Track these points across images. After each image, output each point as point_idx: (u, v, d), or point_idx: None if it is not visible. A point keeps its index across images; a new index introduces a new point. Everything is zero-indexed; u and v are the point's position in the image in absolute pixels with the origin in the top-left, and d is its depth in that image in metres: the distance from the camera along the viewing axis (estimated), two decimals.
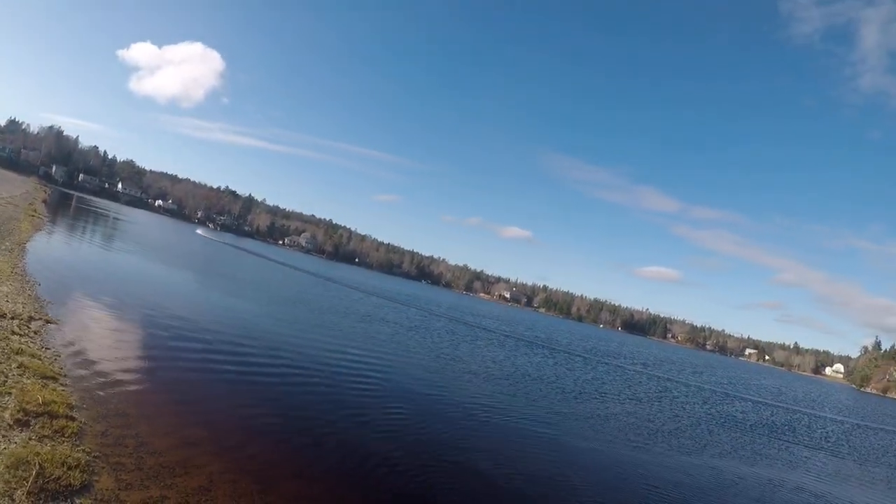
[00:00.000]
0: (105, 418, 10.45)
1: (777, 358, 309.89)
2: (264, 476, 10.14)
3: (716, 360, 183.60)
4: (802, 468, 25.44)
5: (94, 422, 10.11)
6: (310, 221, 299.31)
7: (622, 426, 24.24)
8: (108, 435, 9.78)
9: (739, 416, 39.44)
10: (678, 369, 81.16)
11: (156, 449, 9.80)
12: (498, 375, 30.13)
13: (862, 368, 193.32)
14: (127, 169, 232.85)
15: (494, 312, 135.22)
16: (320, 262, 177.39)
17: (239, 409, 13.58)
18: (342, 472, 11.53)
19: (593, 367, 51.43)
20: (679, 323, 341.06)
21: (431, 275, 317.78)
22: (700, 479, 18.31)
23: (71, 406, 10.31)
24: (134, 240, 59.60)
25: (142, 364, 14.89)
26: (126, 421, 10.65)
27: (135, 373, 13.91)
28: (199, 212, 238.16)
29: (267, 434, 12.43)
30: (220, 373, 16.51)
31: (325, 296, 55.99)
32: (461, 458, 14.39)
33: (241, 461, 10.47)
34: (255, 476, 10.00)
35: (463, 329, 57.80)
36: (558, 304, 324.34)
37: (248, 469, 10.18)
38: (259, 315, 30.13)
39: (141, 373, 14.09)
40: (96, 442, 9.33)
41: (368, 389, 19.31)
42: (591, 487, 14.66)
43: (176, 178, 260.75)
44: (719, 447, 24.91)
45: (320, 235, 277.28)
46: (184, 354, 17.45)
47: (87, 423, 9.94)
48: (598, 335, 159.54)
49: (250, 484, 9.65)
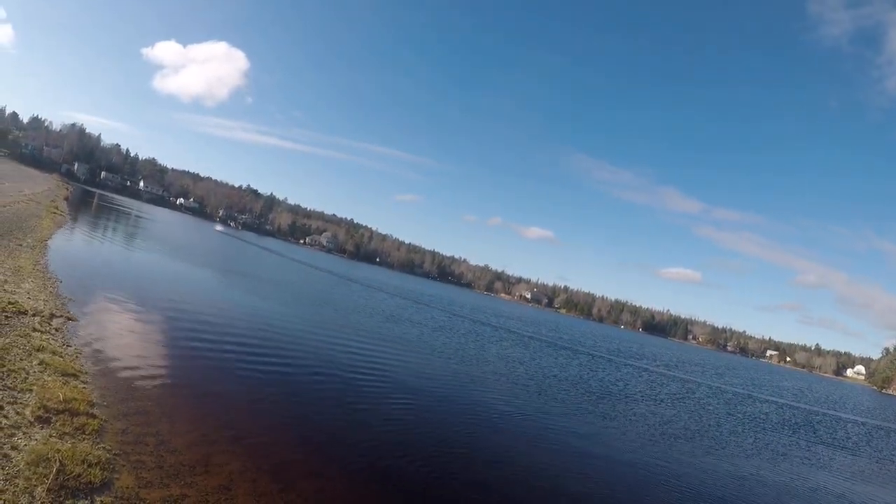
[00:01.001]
0: (125, 416, 10.44)
1: (798, 359, 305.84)
2: (284, 475, 10.06)
3: (737, 362, 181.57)
4: (824, 468, 25.54)
5: (115, 419, 10.09)
6: (331, 221, 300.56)
7: (647, 426, 23.99)
8: (129, 433, 9.75)
9: (762, 416, 39.04)
10: (701, 371, 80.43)
11: (176, 447, 9.76)
12: (524, 377, 29.99)
13: (883, 370, 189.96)
14: (149, 167, 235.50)
15: (516, 313, 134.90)
16: (341, 262, 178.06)
17: (259, 407, 13.53)
18: (362, 471, 11.40)
19: (617, 367, 51.19)
20: (700, 324, 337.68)
21: (452, 275, 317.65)
22: (723, 477, 18.09)
23: (91, 403, 10.31)
24: (155, 238, 60.16)
25: (162, 362, 14.93)
26: (146, 419, 10.63)
27: (155, 370, 13.93)
28: (221, 210, 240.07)
29: (287, 432, 12.36)
30: (241, 371, 16.49)
31: (347, 295, 56.12)
32: (484, 459, 14.24)
33: (261, 460, 10.39)
34: (274, 475, 9.92)
35: (488, 331, 57.55)
36: (579, 305, 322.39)
37: (267, 468, 10.10)
38: (279, 314, 30.18)
39: (161, 370, 14.11)
40: (117, 440, 9.31)
41: (391, 390, 19.25)
42: (621, 486, 14.47)
43: (198, 177, 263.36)
44: (742, 447, 24.74)
45: (342, 235, 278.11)
46: (204, 352, 17.49)
47: (108, 420, 9.93)
48: (620, 336, 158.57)
49: (270, 483, 9.58)
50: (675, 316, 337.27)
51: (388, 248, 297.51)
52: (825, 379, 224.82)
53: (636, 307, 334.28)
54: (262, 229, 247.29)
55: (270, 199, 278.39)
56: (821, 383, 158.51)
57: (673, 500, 15.04)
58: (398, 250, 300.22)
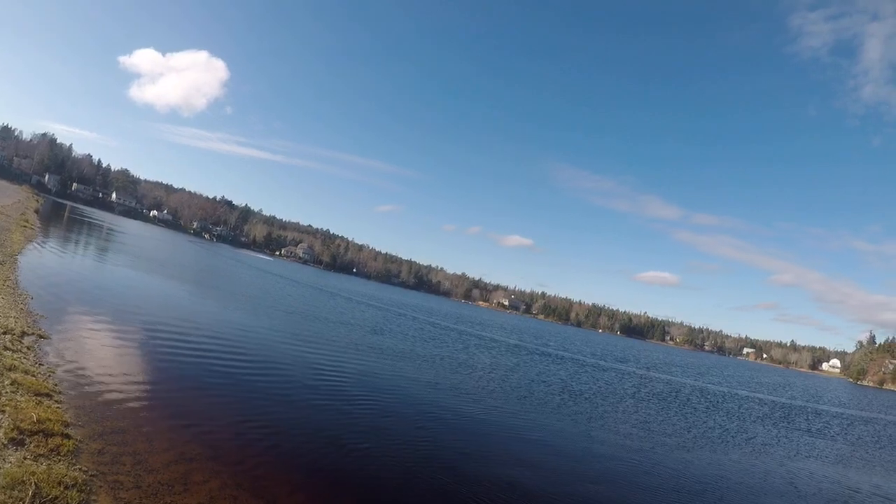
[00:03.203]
0: (101, 436, 10.27)
1: (774, 356, 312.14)
2: (264, 491, 10.00)
3: (715, 361, 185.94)
4: (808, 456, 27.19)
5: (91, 439, 9.93)
6: (307, 232, 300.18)
7: (639, 425, 24.35)
8: (105, 453, 9.60)
9: (745, 411, 40.02)
10: (682, 371, 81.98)
11: (154, 466, 9.63)
12: (512, 385, 30.22)
13: (858, 362, 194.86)
14: (121, 178, 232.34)
15: (496, 321, 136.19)
16: (317, 273, 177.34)
17: (238, 423, 13.39)
18: (347, 485, 11.38)
19: (604, 371, 51.79)
20: (677, 325, 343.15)
21: (430, 284, 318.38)
22: (711, 467, 18.46)
23: (66, 423, 10.13)
24: (128, 252, 59.23)
25: (137, 379, 14.71)
26: (123, 438, 10.48)
27: (131, 388, 13.72)
28: (195, 222, 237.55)
29: (266, 448, 12.25)
30: (218, 387, 16.32)
31: (325, 307, 56.17)
32: (476, 470, 14.25)
33: (241, 476, 10.30)
34: (255, 491, 9.85)
35: (473, 340, 58.17)
36: (557, 311, 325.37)
37: (247, 484, 10.02)
38: (255, 328, 29.96)
39: (137, 388, 13.91)
40: (93, 460, 9.16)
41: (376, 403, 19.11)
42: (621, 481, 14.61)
43: (171, 188, 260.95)
44: (729, 440, 25.36)
45: (317, 246, 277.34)
46: (180, 368, 17.28)
47: (83, 440, 9.77)
48: (599, 340, 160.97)
49: (251, 499, 9.51)
50: (652, 318, 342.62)
51: (365, 258, 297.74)
52: (802, 373, 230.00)
53: (613, 311, 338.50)
54: (237, 241, 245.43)
55: (245, 210, 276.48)
56: (798, 377, 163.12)
57: (668, 488, 15.59)
58: (375, 260, 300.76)
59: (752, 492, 18.10)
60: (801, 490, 19.87)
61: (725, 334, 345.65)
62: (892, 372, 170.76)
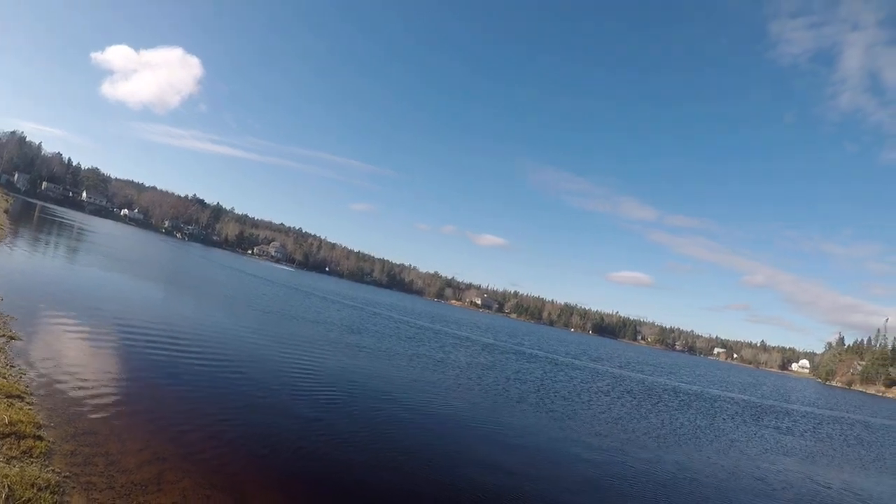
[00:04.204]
0: (74, 437, 10.30)
1: (745, 356, 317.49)
2: (239, 490, 10.12)
3: (686, 360, 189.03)
4: (777, 452, 27.88)
5: (63, 441, 9.96)
6: (279, 230, 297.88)
7: (613, 423, 24.69)
8: (78, 454, 9.64)
9: (717, 410, 40.65)
10: (653, 370, 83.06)
11: (127, 467, 9.70)
12: (489, 383, 30.48)
13: (827, 363, 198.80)
14: (92, 177, 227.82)
15: (471, 320, 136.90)
16: (290, 272, 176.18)
17: (211, 422, 13.44)
18: (321, 483, 11.53)
19: (579, 370, 52.20)
20: (648, 325, 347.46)
21: (402, 282, 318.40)
22: (682, 465, 18.79)
23: (38, 425, 10.15)
24: (99, 252, 58.34)
25: (110, 380, 14.67)
26: (95, 439, 10.51)
27: (103, 389, 13.69)
28: (166, 221, 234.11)
29: (241, 447, 12.34)
30: (192, 387, 16.31)
31: (298, 306, 56.00)
32: (453, 468, 14.44)
33: (215, 476, 10.40)
34: (229, 490, 9.97)
35: (450, 340, 58.35)
36: (529, 310, 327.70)
37: (221, 483, 10.13)
38: (229, 327, 29.89)
39: (109, 389, 13.88)
40: (66, 462, 9.21)
41: (348, 402, 19.20)
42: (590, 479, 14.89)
43: (142, 186, 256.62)
44: (702, 438, 25.68)
45: (290, 244, 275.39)
46: (153, 368, 17.21)
47: (56, 442, 9.80)
48: (572, 339, 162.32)
49: (224, 498, 9.62)
50: (624, 318, 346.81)
51: (338, 256, 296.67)
52: (772, 373, 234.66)
53: (586, 310, 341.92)
54: (209, 240, 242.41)
55: (217, 208, 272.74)
56: (768, 377, 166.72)
57: (639, 483, 15.80)
58: (347, 259, 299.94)
59: (722, 488, 18.52)
60: (772, 485, 20.45)
61: (696, 334, 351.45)
62: (860, 373, 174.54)
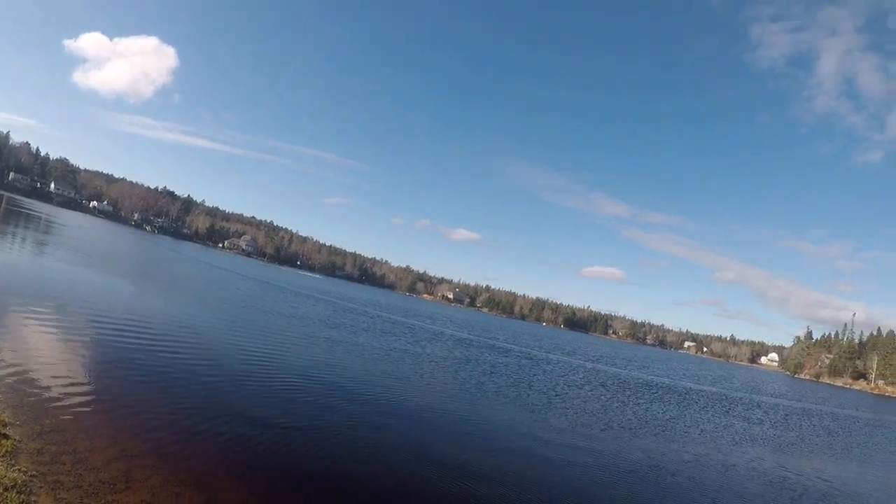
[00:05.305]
0: (40, 435, 10.26)
1: (715, 349, 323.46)
2: (208, 486, 10.17)
3: (658, 354, 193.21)
4: (749, 441, 29.20)
5: (30, 439, 9.93)
6: (250, 223, 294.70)
7: (590, 416, 25.08)
8: (45, 452, 9.62)
9: (689, 401, 41.31)
10: (626, 363, 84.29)
11: (94, 465, 9.70)
12: (465, 377, 30.70)
13: (795, 356, 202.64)
14: (60, 168, 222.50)
15: (444, 314, 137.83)
16: (261, 266, 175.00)
17: (180, 418, 13.42)
18: (290, 479, 11.60)
19: (554, 365, 52.78)
20: (620, 319, 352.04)
21: (374, 276, 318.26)
22: (655, 455, 19.18)
23: (4, 423, 10.11)
24: (68, 245, 57.29)
25: (77, 376, 14.55)
26: (62, 437, 10.48)
27: (70, 386, 13.60)
28: (136, 214, 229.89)
29: (209, 443, 12.36)
30: (160, 383, 16.20)
31: (269, 300, 55.87)
32: (429, 460, 14.63)
33: (183, 472, 10.43)
34: (198, 487, 10.01)
35: (423, 334, 58.63)
36: (501, 304, 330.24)
37: (190, 480, 10.17)
38: (198, 322, 29.73)
39: (76, 385, 13.78)
40: (32, 460, 9.20)
41: (320, 396, 19.24)
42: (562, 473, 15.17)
43: (111, 178, 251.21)
44: (676, 430, 26.23)
45: (261, 238, 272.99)
46: (121, 365, 17.07)
47: (22, 440, 9.77)
48: (545, 333, 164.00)
49: (193, 494, 9.68)
50: (595, 312, 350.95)
51: (309, 250, 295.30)
52: (741, 366, 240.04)
53: (557, 304, 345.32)
54: (179, 233, 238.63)
55: (188, 201, 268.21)
56: (738, 370, 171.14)
57: (611, 473, 16.07)
58: (319, 252, 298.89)
59: (696, 477, 19.03)
60: (744, 473, 21.19)
61: (667, 328, 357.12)
62: (828, 366, 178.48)
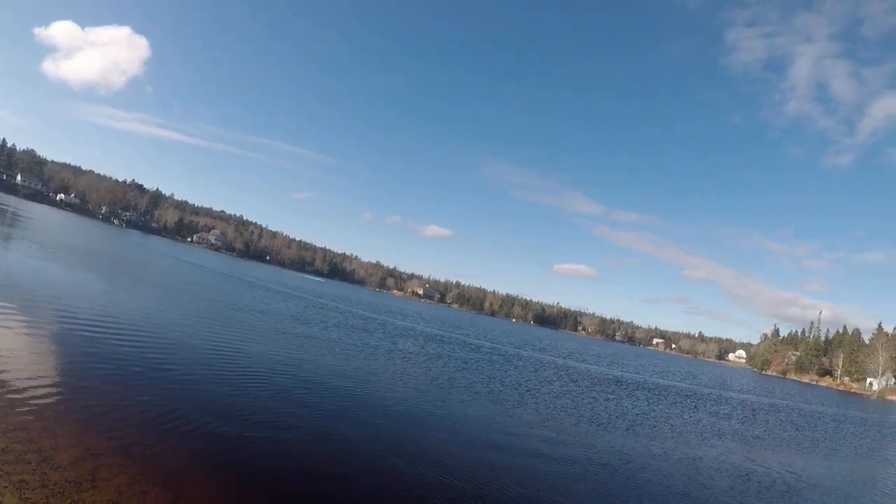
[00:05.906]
0: (3, 433, 10.16)
1: (683, 346, 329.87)
2: (175, 485, 10.16)
3: (627, 350, 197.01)
4: (717, 436, 29.72)
5: None
6: (220, 218, 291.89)
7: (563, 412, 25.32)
8: (9, 451, 9.54)
9: (659, 398, 41.99)
10: (597, 359, 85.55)
11: (60, 463, 9.64)
12: (436, 373, 30.81)
13: (762, 353, 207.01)
14: (27, 159, 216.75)
15: (414, 310, 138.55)
16: (230, 261, 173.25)
17: (148, 416, 13.34)
18: (259, 477, 11.62)
19: (527, 362, 53.21)
20: (589, 316, 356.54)
21: (344, 272, 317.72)
22: (623, 451, 19.51)
23: None
24: (34, 239, 56.06)
25: (42, 373, 14.36)
26: (27, 435, 10.38)
27: (35, 382, 13.43)
28: (104, 207, 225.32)
29: (176, 441, 12.31)
30: (127, 380, 16.01)
31: (239, 296, 55.52)
32: (398, 458, 14.64)
33: (151, 471, 10.41)
34: (165, 485, 10.00)
35: (395, 330, 58.74)
36: (471, 300, 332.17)
37: (157, 478, 10.15)
38: (167, 317, 29.39)
39: (41, 382, 13.61)
40: None
41: (290, 393, 19.20)
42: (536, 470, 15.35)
43: (79, 170, 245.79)
44: (646, 426, 26.62)
45: (230, 232, 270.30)
46: (87, 361, 16.86)
47: None
48: (515, 330, 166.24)
49: (160, 493, 9.67)
50: (565, 309, 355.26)
51: (279, 245, 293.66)
52: (709, 363, 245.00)
53: (527, 301, 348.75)
54: (148, 227, 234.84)
55: (156, 194, 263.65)
56: (706, 367, 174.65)
57: (582, 468, 16.14)
58: (289, 248, 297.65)
59: (665, 472, 19.25)
60: (713, 466, 21.56)
61: (636, 325, 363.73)
62: (795, 363, 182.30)
